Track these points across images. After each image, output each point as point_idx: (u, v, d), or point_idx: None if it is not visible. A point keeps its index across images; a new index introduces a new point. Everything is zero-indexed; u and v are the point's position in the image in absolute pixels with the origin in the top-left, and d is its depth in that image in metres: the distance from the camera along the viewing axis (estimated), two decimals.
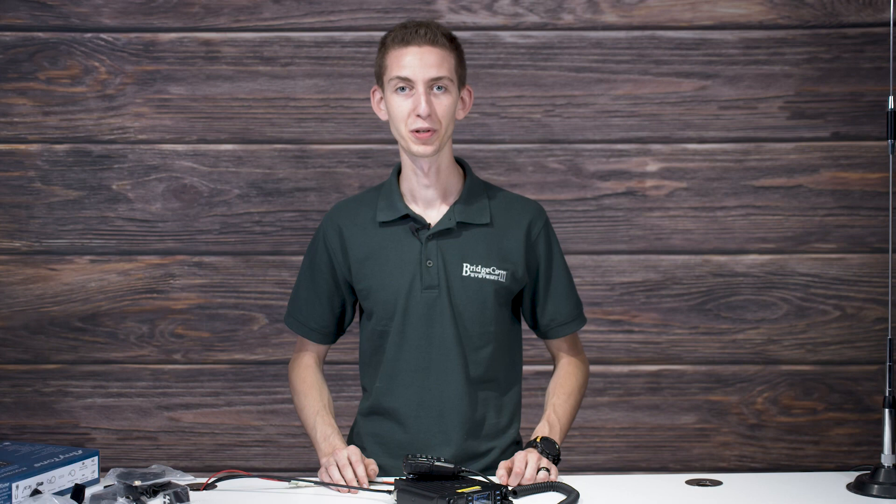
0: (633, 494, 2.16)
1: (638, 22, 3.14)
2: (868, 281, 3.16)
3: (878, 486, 2.12)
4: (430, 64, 2.22)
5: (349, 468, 2.15)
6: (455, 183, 2.33)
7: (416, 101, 2.22)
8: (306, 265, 2.40)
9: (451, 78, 2.24)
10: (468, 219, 2.30)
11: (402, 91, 2.23)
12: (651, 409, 3.20)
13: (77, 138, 3.18)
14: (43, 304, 3.20)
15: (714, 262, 3.18)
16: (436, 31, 2.24)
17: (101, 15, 3.15)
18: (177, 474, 2.18)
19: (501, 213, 2.33)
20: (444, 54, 2.23)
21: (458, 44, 2.28)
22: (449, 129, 2.26)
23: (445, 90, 2.24)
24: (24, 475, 2.05)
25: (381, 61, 2.27)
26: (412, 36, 2.22)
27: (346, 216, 2.36)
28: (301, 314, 2.40)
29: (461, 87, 2.29)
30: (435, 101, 2.23)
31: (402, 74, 2.22)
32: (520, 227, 2.33)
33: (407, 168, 2.31)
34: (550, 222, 2.38)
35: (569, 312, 2.39)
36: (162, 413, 3.22)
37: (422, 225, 2.30)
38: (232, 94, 3.17)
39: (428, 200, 2.31)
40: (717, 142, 3.16)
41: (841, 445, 3.20)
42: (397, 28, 2.26)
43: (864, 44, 3.12)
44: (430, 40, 2.22)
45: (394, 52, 2.24)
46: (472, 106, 2.36)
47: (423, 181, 2.29)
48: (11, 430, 3.21)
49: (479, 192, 2.34)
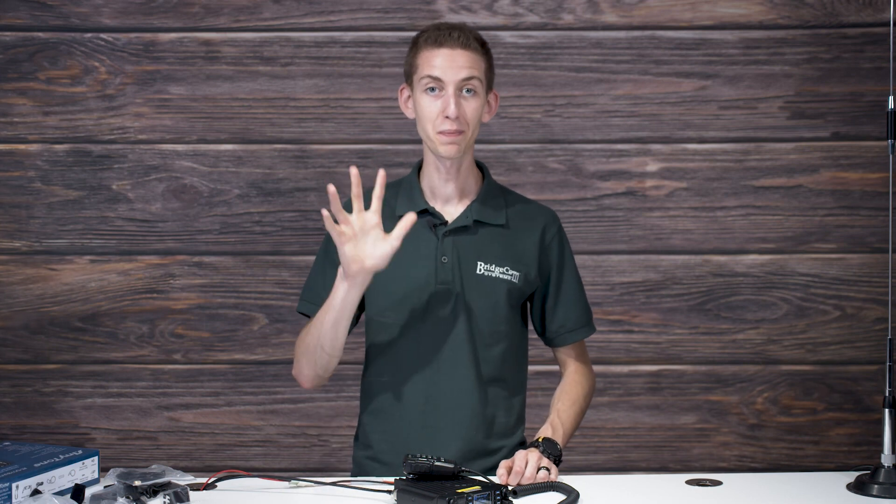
0: (633, 494, 2.16)
1: (638, 22, 3.14)
2: (868, 281, 3.16)
3: (878, 486, 2.12)
4: (462, 66, 2.24)
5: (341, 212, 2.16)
6: (473, 183, 2.35)
7: (446, 102, 2.24)
8: (322, 253, 2.38)
9: (480, 80, 2.27)
10: (485, 218, 2.32)
11: (432, 91, 2.25)
12: (651, 409, 3.20)
13: (77, 138, 3.18)
14: (43, 304, 3.20)
15: (714, 262, 3.18)
16: (468, 34, 2.27)
17: (101, 15, 3.15)
18: (177, 474, 2.18)
19: (517, 216, 2.36)
20: (476, 58, 2.26)
21: (488, 48, 2.31)
22: (475, 132, 2.29)
23: (474, 93, 2.26)
24: (24, 475, 2.05)
25: (411, 60, 2.29)
26: (445, 38, 2.25)
27: None
28: (314, 296, 2.35)
29: (489, 90, 2.31)
30: (464, 103, 2.25)
31: (434, 74, 2.24)
32: (534, 231, 2.35)
33: (429, 165, 2.33)
34: (564, 230, 2.40)
35: (577, 319, 2.40)
36: (162, 413, 3.22)
37: (440, 221, 2.32)
38: (232, 94, 3.17)
39: (447, 197, 2.33)
40: (717, 142, 3.16)
41: (841, 445, 3.20)
42: (430, 29, 2.29)
43: (864, 44, 3.12)
44: (463, 43, 2.25)
45: (426, 53, 2.26)
46: None
47: (444, 177, 2.32)
48: (11, 430, 3.20)
49: (496, 194, 2.37)
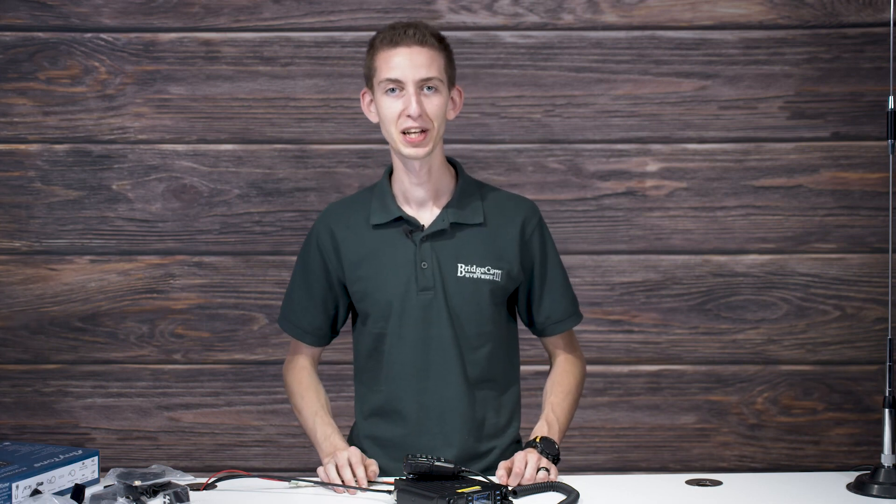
0: (633, 494, 2.16)
1: (638, 22, 3.14)
2: (868, 281, 3.16)
3: (878, 486, 2.12)
4: (420, 64, 2.21)
5: (348, 469, 2.15)
6: (447, 183, 2.32)
7: (407, 101, 2.21)
8: (299, 268, 2.39)
9: (440, 78, 2.23)
10: (462, 219, 2.30)
11: (393, 92, 2.22)
12: (651, 409, 3.20)
13: (77, 138, 3.18)
14: (43, 304, 3.20)
15: (714, 262, 3.18)
16: (424, 31, 2.23)
17: (101, 15, 3.15)
18: (177, 474, 2.18)
19: (495, 213, 2.32)
20: (434, 54, 2.23)
21: (447, 44, 2.27)
22: (441, 130, 2.25)
23: (435, 90, 2.23)
24: (24, 475, 2.05)
25: (370, 63, 2.26)
26: (401, 37, 2.21)
27: (339, 218, 2.35)
28: (295, 316, 2.40)
29: (451, 86, 2.28)
30: (425, 101, 2.22)
31: (392, 76, 2.21)
32: (514, 226, 2.32)
33: (399, 170, 2.30)
34: (544, 220, 2.37)
35: (564, 309, 2.38)
36: (162, 413, 3.22)
37: (415, 227, 2.29)
38: (232, 94, 3.17)
39: (420, 201, 2.30)
40: (717, 142, 3.16)
41: (841, 445, 3.20)
42: (386, 29, 2.25)
43: (864, 44, 3.12)
44: (419, 41, 2.21)
45: (383, 54, 2.23)
46: (473, 106, 2.36)
47: (415, 181, 2.28)
48: (11, 430, 3.20)
49: (472, 191, 2.33)
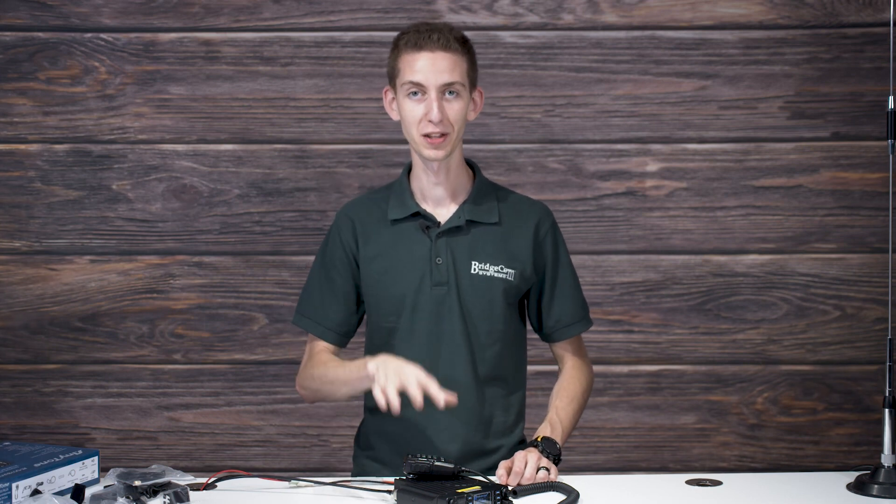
0: (633, 494, 2.16)
1: (638, 22, 3.14)
2: (868, 281, 3.16)
3: (878, 486, 2.12)
4: (443, 69, 2.22)
5: (414, 383, 2.08)
6: (464, 183, 2.34)
7: (429, 106, 2.22)
8: (318, 264, 2.39)
9: (462, 83, 2.24)
10: (477, 217, 2.32)
11: (415, 95, 2.24)
12: (651, 409, 3.20)
13: (77, 138, 3.18)
14: (43, 304, 3.20)
15: (714, 262, 3.18)
16: (448, 35, 2.24)
17: (101, 15, 3.15)
18: (177, 474, 2.18)
19: (510, 213, 2.35)
20: (457, 59, 2.24)
21: (470, 46, 2.28)
22: (460, 132, 2.27)
23: (457, 95, 2.24)
24: (24, 475, 2.05)
25: (393, 63, 2.27)
26: (425, 41, 2.22)
27: (359, 212, 2.37)
28: (315, 312, 2.37)
29: (473, 89, 2.29)
30: (447, 105, 2.23)
31: (415, 80, 2.22)
32: (528, 227, 2.34)
33: (417, 167, 2.32)
34: (557, 224, 2.39)
35: (574, 313, 2.39)
36: (162, 413, 3.22)
37: (432, 223, 2.31)
38: (232, 94, 3.17)
39: (438, 199, 2.32)
40: (717, 142, 3.16)
41: (841, 445, 3.20)
42: (410, 31, 2.26)
43: (864, 44, 3.12)
44: (443, 45, 2.22)
45: (406, 56, 2.24)
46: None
47: (433, 180, 2.31)
48: (11, 430, 3.20)
49: (488, 192, 2.36)
